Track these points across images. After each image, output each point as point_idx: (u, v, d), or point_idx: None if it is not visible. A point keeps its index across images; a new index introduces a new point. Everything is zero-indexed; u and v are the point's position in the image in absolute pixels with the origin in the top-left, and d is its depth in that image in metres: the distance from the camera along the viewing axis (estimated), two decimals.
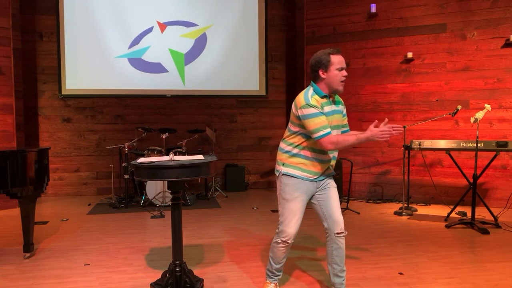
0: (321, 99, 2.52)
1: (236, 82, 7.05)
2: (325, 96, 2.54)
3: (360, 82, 6.35)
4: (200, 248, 3.87)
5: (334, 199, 2.63)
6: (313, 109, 2.45)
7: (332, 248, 2.63)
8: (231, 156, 7.23)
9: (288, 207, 2.59)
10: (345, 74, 2.52)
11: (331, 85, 2.52)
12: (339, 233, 2.60)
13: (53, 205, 5.96)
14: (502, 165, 5.54)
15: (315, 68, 2.54)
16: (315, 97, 2.51)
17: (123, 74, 6.69)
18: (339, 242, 2.62)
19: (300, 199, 2.58)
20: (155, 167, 2.49)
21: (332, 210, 2.60)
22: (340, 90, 2.54)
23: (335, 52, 2.52)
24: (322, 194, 2.63)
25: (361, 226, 4.64)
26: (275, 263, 2.74)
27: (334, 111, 2.57)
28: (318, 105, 2.47)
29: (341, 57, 2.53)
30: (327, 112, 2.51)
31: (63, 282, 3.06)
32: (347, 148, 2.64)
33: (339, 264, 2.66)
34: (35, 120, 6.59)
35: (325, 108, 2.51)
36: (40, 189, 3.63)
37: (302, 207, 2.60)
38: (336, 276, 2.68)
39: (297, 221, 2.59)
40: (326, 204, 2.61)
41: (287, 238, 2.60)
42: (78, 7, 6.52)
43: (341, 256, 2.65)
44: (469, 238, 4.15)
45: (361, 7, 6.30)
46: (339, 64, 2.50)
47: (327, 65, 2.50)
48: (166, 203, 5.58)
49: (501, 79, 5.55)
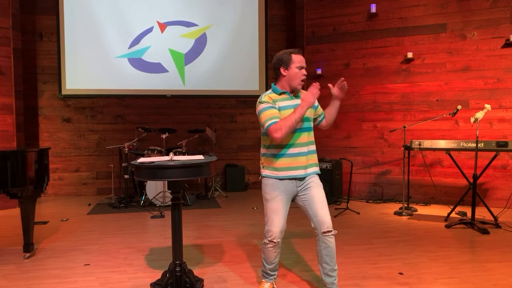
0: (278, 95, 2.63)
1: (236, 82, 7.05)
2: (284, 93, 2.64)
3: (360, 82, 6.35)
4: (200, 248, 3.87)
5: (318, 198, 2.62)
6: (263, 104, 2.58)
7: (321, 248, 2.63)
8: (231, 156, 7.23)
9: (270, 207, 2.65)
10: (304, 73, 2.62)
11: (290, 83, 2.62)
12: (325, 232, 2.60)
13: (53, 205, 5.96)
14: (502, 165, 5.54)
15: (276, 66, 2.65)
16: (270, 95, 2.63)
17: (123, 74, 6.69)
18: (327, 241, 2.61)
19: (279, 198, 2.62)
20: (155, 167, 2.49)
21: (317, 210, 2.60)
22: (299, 88, 2.64)
23: (296, 52, 2.64)
24: (306, 194, 2.64)
25: (361, 226, 4.64)
26: (268, 264, 2.77)
27: (296, 105, 2.59)
28: (269, 101, 2.58)
29: (301, 57, 2.64)
30: (284, 106, 2.59)
31: (63, 282, 3.06)
32: (293, 126, 2.59)
33: (329, 263, 2.65)
34: (35, 120, 6.59)
35: (282, 103, 2.60)
36: (40, 189, 3.63)
37: (283, 205, 2.64)
38: (327, 276, 2.67)
39: (280, 219, 2.63)
40: (310, 203, 2.63)
41: (273, 237, 2.64)
42: (78, 7, 6.53)
43: (330, 255, 2.63)
44: (469, 238, 4.15)
45: (361, 7, 6.30)
46: (299, 63, 2.60)
47: (288, 63, 2.59)
48: (166, 203, 5.58)
49: (501, 79, 5.55)
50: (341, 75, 6.47)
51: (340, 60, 6.50)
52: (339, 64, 6.50)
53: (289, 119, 2.48)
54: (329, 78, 6.57)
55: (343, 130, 6.51)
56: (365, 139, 6.34)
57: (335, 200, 5.84)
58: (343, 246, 3.87)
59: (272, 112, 2.54)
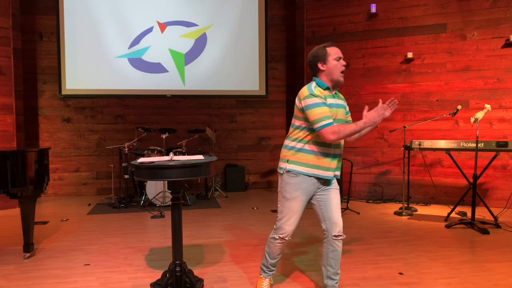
0: (324, 91, 2.51)
1: (236, 82, 7.05)
2: (328, 88, 2.54)
3: (360, 82, 6.35)
4: (200, 248, 3.87)
5: (335, 201, 2.60)
6: (317, 98, 2.43)
7: (328, 250, 2.61)
8: (231, 156, 7.23)
9: (288, 206, 2.58)
10: (343, 64, 2.53)
11: (331, 76, 2.52)
12: (337, 235, 2.57)
13: (53, 205, 5.96)
14: (502, 165, 5.54)
15: (313, 62, 2.55)
16: (318, 88, 2.50)
17: (123, 74, 6.69)
18: (335, 245, 2.59)
19: (300, 199, 2.56)
20: (155, 167, 2.49)
21: (332, 212, 2.58)
22: (341, 80, 2.54)
23: (330, 45, 2.56)
24: (323, 195, 2.60)
25: (361, 226, 4.64)
26: (271, 258, 2.75)
27: (338, 105, 2.55)
28: (321, 95, 2.47)
29: (337, 49, 2.55)
30: (330, 104, 2.50)
31: (63, 282, 3.06)
32: (349, 139, 2.58)
33: (334, 266, 2.63)
34: (35, 120, 6.59)
35: (328, 100, 2.50)
36: (40, 189, 3.63)
37: (302, 206, 2.59)
38: (329, 279, 2.66)
39: (296, 219, 2.59)
40: (326, 205, 2.59)
41: (285, 235, 2.61)
42: (78, 7, 6.53)
43: (336, 259, 2.62)
44: (469, 238, 4.15)
45: (361, 7, 6.30)
46: (336, 54, 2.52)
47: (325, 57, 2.51)
48: (166, 203, 5.58)
49: (501, 79, 5.55)
50: None
51: None
52: None
53: (349, 129, 2.39)
54: None
55: None
56: (365, 139, 6.34)
57: None
58: (343, 246, 3.86)
59: (325, 110, 2.42)
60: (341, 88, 6.46)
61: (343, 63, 2.53)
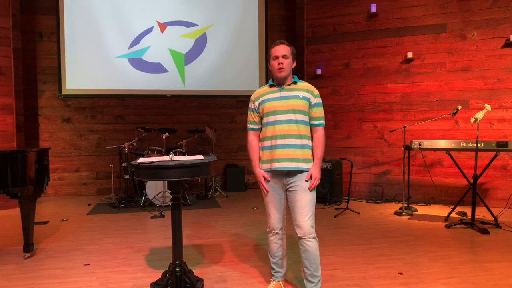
0: (269, 88, 2.70)
1: (236, 82, 7.05)
2: (273, 85, 2.70)
3: (360, 82, 6.35)
4: (200, 248, 3.87)
5: (301, 203, 2.56)
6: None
7: (300, 251, 2.61)
8: (231, 156, 7.23)
9: (265, 201, 2.76)
10: (279, 62, 2.59)
11: (273, 74, 2.67)
12: (301, 237, 2.58)
13: (53, 205, 5.96)
14: (502, 165, 5.54)
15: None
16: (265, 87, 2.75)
17: (123, 74, 6.69)
18: (305, 244, 2.56)
19: (270, 194, 2.70)
20: (155, 167, 2.49)
21: (296, 214, 2.59)
22: (278, 76, 2.62)
23: (275, 44, 2.66)
24: (290, 195, 2.64)
25: (361, 226, 4.64)
26: (271, 257, 2.83)
27: (282, 97, 2.63)
28: (261, 93, 2.72)
29: (276, 47, 2.63)
30: (270, 98, 2.66)
31: (63, 282, 3.06)
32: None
33: (309, 268, 2.59)
34: (35, 120, 6.59)
35: (268, 96, 2.66)
36: (40, 189, 3.63)
37: (275, 200, 2.69)
38: (307, 281, 2.63)
39: (275, 213, 2.70)
40: (292, 206, 2.63)
41: (271, 228, 2.74)
42: (78, 7, 6.53)
43: (309, 260, 2.58)
44: (469, 238, 4.15)
45: (361, 7, 6.30)
46: (273, 53, 2.63)
47: (269, 58, 2.68)
48: (166, 203, 5.58)
49: (501, 79, 5.55)
50: (341, 75, 6.49)
51: (340, 60, 6.50)
52: (339, 64, 6.50)
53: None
54: (329, 78, 6.58)
55: (343, 130, 6.51)
56: (365, 139, 6.34)
57: (335, 200, 5.84)
58: (343, 246, 3.87)
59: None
60: (342, 88, 6.47)
61: (278, 61, 2.60)
